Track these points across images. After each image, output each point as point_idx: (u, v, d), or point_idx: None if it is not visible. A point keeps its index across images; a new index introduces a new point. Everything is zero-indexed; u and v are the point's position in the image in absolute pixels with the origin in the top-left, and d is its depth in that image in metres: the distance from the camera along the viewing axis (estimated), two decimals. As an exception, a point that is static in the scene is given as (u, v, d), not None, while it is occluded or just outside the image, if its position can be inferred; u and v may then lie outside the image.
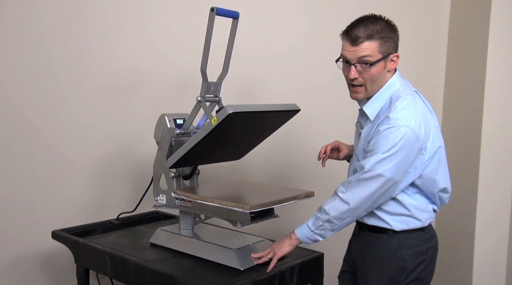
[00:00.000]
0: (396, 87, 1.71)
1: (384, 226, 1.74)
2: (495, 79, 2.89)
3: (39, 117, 2.22)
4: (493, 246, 2.98)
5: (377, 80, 1.67)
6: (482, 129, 2.89)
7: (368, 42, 1.62)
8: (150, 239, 1.93)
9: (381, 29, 1.64)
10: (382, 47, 1.63)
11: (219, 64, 1.86)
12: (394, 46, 1.68)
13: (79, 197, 2.34)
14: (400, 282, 1.74)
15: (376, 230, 1.76)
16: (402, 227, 1.73)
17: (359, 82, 1.68)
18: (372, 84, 1.68)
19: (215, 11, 1.69)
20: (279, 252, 1.73)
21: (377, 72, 1.65)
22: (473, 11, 3.00)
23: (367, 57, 1.63)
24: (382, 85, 1.70)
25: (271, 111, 1.77)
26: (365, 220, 1.78)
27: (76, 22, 2.26)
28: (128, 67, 2.38)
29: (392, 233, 1.73)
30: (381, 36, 1.63)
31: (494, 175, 2.94)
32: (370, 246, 1.80)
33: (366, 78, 1.66)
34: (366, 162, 1.62)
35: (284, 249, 1.73)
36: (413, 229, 1.74)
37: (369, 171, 1.60)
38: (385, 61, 1.66)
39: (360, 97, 1.72)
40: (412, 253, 1.74)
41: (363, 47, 1.62)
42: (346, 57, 1.68)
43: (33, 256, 2.26)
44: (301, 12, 2.80)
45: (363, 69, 1.65)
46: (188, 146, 1.72)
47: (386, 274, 1.75)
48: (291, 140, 2.80)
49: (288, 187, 2.04)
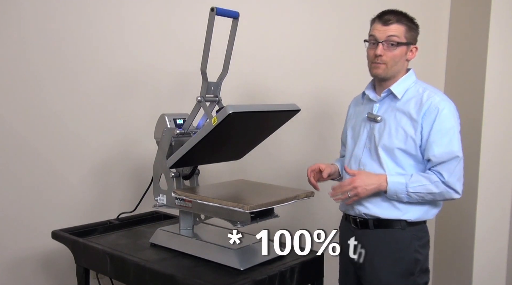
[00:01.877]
0: (414, 77, 1.89)
1: (398, 218, 1.80)
2: (495, 79, 2.89)
3: (39, 117, 2.22)
4: (493, 246, 2.98)
5: (398, 63, 1.83)
6: (482, 129, 2.89)
7: (397, 24, 1.81)
8: (150, 239, 1.93)
9: (408, 20, 1.85)
10: (407, 33, 1.82)
11: (219, 64, 1.86)
12: (416, 38, 1.87)
13: (79, 197, 2.34)
14: (416, 273, 1.81)
15: (386, 225, 1.82)
16: (416, 216, 1.81)
17: (382, 60, 1.82)
18: (393, 65, 1.82)
19: (215, 11, 1.69)
20: (362, 194, 1.78)
21: (399, 54, 1.82)
22: (473, 11, 3.00)
23: (394, 37, 1.80)
24: (400, 70, 1.85)
25: (271, 111, 1.77)
26: (377, 214, 1.82)
27: (76, 22, 2.26)
28: (128, 67, 2.38)
29: (405, 226, 1.80)
30: (408, 24, 1.83)
31: (494, 175, 2.94)
32: (379, 242, 1.83)
33: (390, 57, 1.81)
34: (452, 148, 1.74)
35: (368, 192, 1.78)
36: (421, 221, 1.84)
37: (461, 157, 1.76)
38: (408, 48, 1.84)
39: (380, 72, 1.84)
40: (421, 244, 1.84)
41: (393, 28, 1.81)
42: (375, 36, 1.83)
43: (33, 256, 2.26)
44: (301, 12, 2.80)
45: (388, 48, 1.81)
46: (188, 146, 1.72)
47: (401, 267, 1.81)
48: (291, 140, 2.80)
49: (288, 187, 2.03)
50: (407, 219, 1.81)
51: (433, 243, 3.32)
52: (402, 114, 1.82)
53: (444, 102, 1.78)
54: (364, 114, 1.94)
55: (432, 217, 1.86)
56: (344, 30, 2.87)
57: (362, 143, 1.91)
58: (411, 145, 1.79)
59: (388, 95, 1.87)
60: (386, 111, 1.86)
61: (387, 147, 1.82)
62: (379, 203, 1.82)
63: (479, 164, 2.90)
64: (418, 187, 1.75)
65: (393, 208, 1.81)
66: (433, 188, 1.75)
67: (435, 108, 1.76)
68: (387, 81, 1.87)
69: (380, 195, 1.82)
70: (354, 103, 2.09)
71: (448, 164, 1.75)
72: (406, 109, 1.82)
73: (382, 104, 1.89)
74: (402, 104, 1.83)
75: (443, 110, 1.76)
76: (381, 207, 1.82)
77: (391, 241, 1.82)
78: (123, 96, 2.39)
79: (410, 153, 1.80)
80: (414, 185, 1.75)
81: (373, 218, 1.84)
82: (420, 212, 1.82)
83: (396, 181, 1.77)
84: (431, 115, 1.76)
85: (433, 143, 1.76)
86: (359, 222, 1.88)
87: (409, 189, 1.76)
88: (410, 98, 1.83)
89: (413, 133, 1.78)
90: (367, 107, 1.95)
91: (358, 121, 1.97)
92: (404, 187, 1.76)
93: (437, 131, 1.75)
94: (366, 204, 1.84)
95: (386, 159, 1.82)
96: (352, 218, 1.91)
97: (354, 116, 2.03)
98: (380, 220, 1.83)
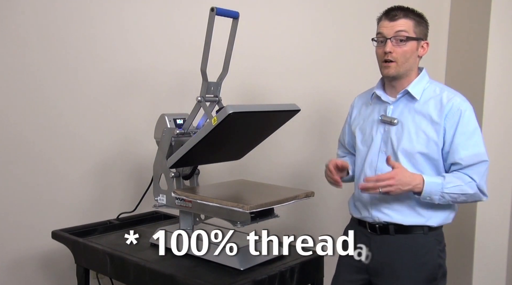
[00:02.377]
0: (427, 76, 1.82)
1: (421, 224, 1.75)
2: (495, 79, 2.88)
3: (39, 117, 2.22)
4: (493, 246, 2.98)
5: (409, 59, 1.75)
6: (482, 129, 2.89)
7: (404, 19, 1.74)
8: (150, 239, 1.93)
9: (416, 14, 1.78)
10: (416, 28, 1.75)
11: (219, 64, 1.86)
12: (426, 33, 1.80)
13: (79, 197, 2.34)
14: (438, 278, 1.77)
15: (408, 230, 1.76)
16: (438, 221, 1.77)
17: (393, 57, 1.74)
18: (404, 62, 1.75)
19: (215, 11, 1.69)
20: (395, 194, 1.67)
21: (410, 50, 1.74)
22: (473, 10, 3.00)
23: (402, 32, 1.73)
24: (412, 68, 1.78)
25: (271, 111, 1.76)
26: (400, 221, 1.76)
27: (77, 22, 2.26)
28: (128, 67, 2.38)
29: (427, 231, 1.76)
30: (416, 18, 1.76)
31: (494, 175, 2.93)
32: (401, 248, 1.76)
33: (399, 53, 1.74)
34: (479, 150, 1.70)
35: (401, 192, 1.67)
36: (440, 226, 1.79)
37: (488, 160, 1.72)
38: (418, 43, 1.76)
39: (392, 72, 1.76)
40: (441, 248, 1.80)
41: (400, 23, 1.73)
42: (383, 33, 1.76)
43: (33, 256, 2.26)
44: (301, 12, 2.80)
45: (397, 44, 1.73)
46: (188, 146, 1.72)
47: (425, 273, 1.75)
48: (291, 140, 2.80)
49: (288, 187, 2.04)
50: (430, 225, 1.75)
51: (433, 243, 3.32)
52: (422, 116, 1.74)
53: (465, 103, 1.72)
54: (374, 116, 1.85)
55: (451, 221, 1.80)
56: (345, 30, 2.87)
57: (376, 148, 1.82)
58: (433, 149, 1.72)
59: (404, 96, 1.79)
60: (403, 113, 1.78)
61: (408, 152, 1.74)
62: (401, 210, 1.75)
63: (479, 164, 2.90)
64: (453, 187, 1.68)
65: (415, 214, 1.74)
66: (468, 189, 1.69)
67: (458, 110, 1.70)
68: (399, 80, 1.78)
69: (402, 201, 1.75)
70: (359, 103, 1.99)
71: (478, 167, 1.70)
72: (426, 111, 1.74)
73: (397, 106, 1.80)
74: (420, 105, 1.76)
75: (465, 112, 1.70)
76: (404, 215, 1.75)
77: (414, 247, 1.75)
78: (123, 96, 2.39)
79: (431, 158, 1.73)
80: (450, 185, 1.68)
81: (394, 223, 1.77)
82: (442, 217, 1.77)
83: (433, 182, 1.68)
84: (454, 117, 1.70)
85: (459, 146, 1.69)
86: (378, 228, 1.80)
87: (445, 189, 1.67)
88: (428, 99, 1.75)
89: (435, 136, 1.71)
90: (377, 108, 1.86)
91: (367, 124, 1.88)
92: (440, 188, 1.67)
93: (462, 133, 1.69)
94: (386, 211, 1.77)
95: (406, 164, 1.73)
96: (369, 223, 1.82)
97: (361, 117, 1.93)
98: (401, 226, 1.76)
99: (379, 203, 1.78)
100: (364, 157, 1.86)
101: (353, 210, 1.91)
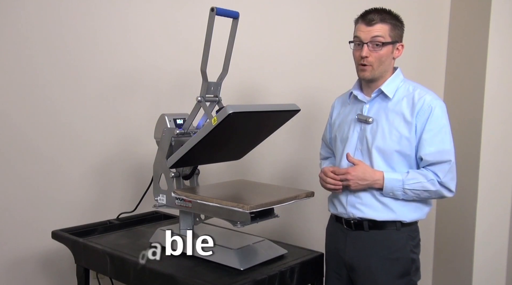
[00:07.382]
0: (401, 75, 1.87)
1: (393, 219, 1.79)
2: (495, 79, 2.88)
3: (40, 116, 2.22)
4: (493, 246, 2.98)
5: (384, 63, 1.80)
6: (482, 129, 2.89)
7: (381, 24, 1.78)
8: (150, 239, 1.93)
9: (392, 17, 1.81)
10: (392, 32, 1.79)
11: (219, 64, 1.86)
12: (401, 35, 1.85)
13: (79, 197, 2.34)
14: (411, 273, 1.81)
15: (381, 226, 1.80)
16: (411, 217, 1.80)
17: (369, 62, 1.79)
18: (379, 66, 1.80)
19: (215, 11, 1.69)
20: (353, 188, 1.78)
21: (385, 54, 1.79)
22: (473, 11, 3.00)
23: (379, 37, 1.77)
24: (387, 69, 1.83)
25: (271, 111, 1.77)
26: (373, 217, 1.80)
27: (78, 22, 2.26)
28: (128, 67, 2.38)
29: (399, 227, 1.80)
30: (392, 22, 1.80)
31: (494, 175, 2.94)
32: (375, 244, 1.81)
33: (375, 57, 1.79)
34: (444, 147, 1.75)
35: (359, 187, 1.79)
36: (414, 221, 1.83)
37: (453, 160, 1.77)
38: (393, 46, 1.81)
39: (367, 75, 1.82)
40: (415, 244, 1.83)
41: (377, 28, 1.77)
42: (360, 37, 1.80)
43: (33, 256, 2.26)
44: (301, 12, 2.80)
45: (374, 49, 1.78)
46: (188, 146, 1.72)
47: (398, 268, 1.80)
48: (291, 140, 2.80)
49: (288, 187, 2.04)
50: (402, 221, 1.80)
51: (433, 243, 3.32)
52: (395, 114, 1.80)
53: (435, 100, 1.77)
54: (351, 115, 1.91)
55: (425, 217, 1.85)
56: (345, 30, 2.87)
57: (352, 146, 1.87)
58: (405, 145, 1.78)
59: (378, 95, 1.85)
60: (378, 112, 1.84)
61: (381, 149, 1.80)
62: (375, 206, 1.80)
63: (479, 164, 2.90)
64: (415, 184, 1.75)
65: (388, 210, 1.79)
66: (429, 186, 1.75)
67: (429, 107, 1.75)
68: (375, 81, 1.84)
69: (375, 197, 1.80)
70: (338, 103, 2.05)
71: (442, 165, 1.75)
72: (399, 110, 1.80)
73: (373, 105, 1.86)
74: (393, 104, 1.81)
75: (435, 109, 1.75)
76: (376, 210, 1.80)
77: (387, 242, 1.80)
78: (123, 96, 2.39)
79: (404, 154, 1.79)
80: (411, 182, 1.75)
81: (368, 219, 1.82)
82: (414, 213, 1.81)
83: (393, 178, 1.76)
84: (424, 114, 1.75)
85: (425, 142, 1.76)
86: (353, 224, 1.85)
87: (406, 186, 1.75)
88: (401, 98, 1.81)
89: (407, 133, 1.77)
90: (355, 107, 1.91)
91: (345, 123, 1.93)
92: (401, 184, 1.75)
93: (429, 130, 1.75)
94: (360, 207, 1.82)
95: (379, 161, 1.80)
96: (345, 219, 1.88)
97: (340, 117, 1.99)
98: (375, 222, 1.81)
99: (354, 199, 1.83)
100: (341, 155, 1.91)
101: (331, 207, 1.97)
